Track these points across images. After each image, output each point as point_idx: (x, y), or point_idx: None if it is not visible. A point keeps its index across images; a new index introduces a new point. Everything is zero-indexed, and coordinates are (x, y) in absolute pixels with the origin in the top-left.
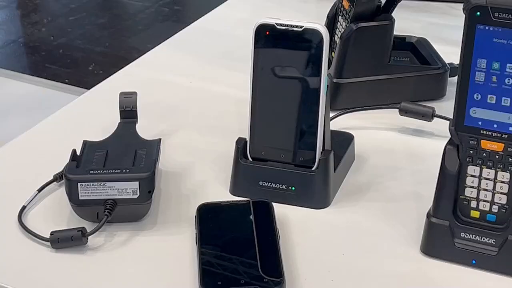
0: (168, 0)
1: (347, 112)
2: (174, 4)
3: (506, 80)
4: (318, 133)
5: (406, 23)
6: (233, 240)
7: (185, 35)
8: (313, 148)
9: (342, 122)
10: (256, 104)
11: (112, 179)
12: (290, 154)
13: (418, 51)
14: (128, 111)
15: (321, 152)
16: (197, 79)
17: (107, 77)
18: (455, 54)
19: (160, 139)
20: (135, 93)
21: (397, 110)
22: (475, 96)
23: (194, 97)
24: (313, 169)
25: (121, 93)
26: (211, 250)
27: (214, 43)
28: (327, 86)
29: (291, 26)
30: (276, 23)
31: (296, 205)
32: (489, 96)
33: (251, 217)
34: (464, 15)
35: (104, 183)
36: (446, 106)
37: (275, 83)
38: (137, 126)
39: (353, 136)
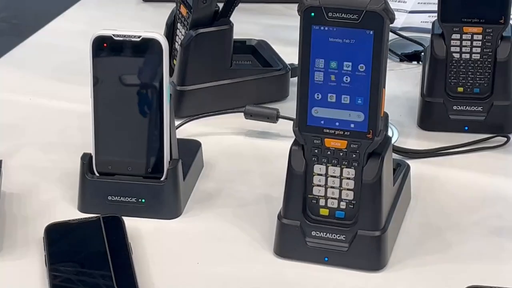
0: (5, 14)
1: (192, 119)
2: (12, 18)
3: (344, 78)
4: (164, 142)
5: (245, 26)
6: (85, 258)
7: (21, 50)
8: (160, 158)
9: (188, 130)
10: (98, 117)
11: None
12: (137, 166)
13: (259, 54)
14: None
15: (169, 162)
16: (36, 96)
17: None
18: (295, 54)
19: (0, 161)
20: None
21: (242, 113)
22: (315, 95)
23: (34, 114)
24: (161, 179)
25: None
26: (62, 270)
27: (53, 57)
28: (170, 94)
29: (129, 36)
30: (113, 34)
31: (147, 217)
32: (329, 95)
33: (102, 233)
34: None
35: None
36: (290, 106)
37: (117, 94)
38: None
39: (201, 143)
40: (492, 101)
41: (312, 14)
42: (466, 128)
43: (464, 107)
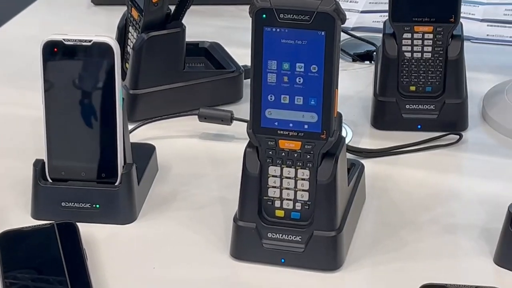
0: None
1: (146, 123)
2: None
3: (297, 80)
4: (118, 147)
5: (198, 28)
6: (40, 266)
7: None
8: (114, 162)
9: (142, 134)
10: (50, 123)
11: None
12: (91, 171)
13: (212, 56)
14: None
15: (123, 166)
16: None
17: None
18: (248, 56)
19: None
20: None
21: (196, 116)
22: (269, 97)
23: None
24: (116, 184)
25: None
26: (16, 278)
27: (4, 63)
28: (123, 98)
29: (80, 41)
30: (64, 39)
31: (102, 223)
32: (282, 96)
33: (57, 240)
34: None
35: None
36: (244, 108)
37: (68, 100)
38: None
39: (155, 147)
40: (444, 99)
41: (264, 15)
42: (419, 126)
43: (417, 105)
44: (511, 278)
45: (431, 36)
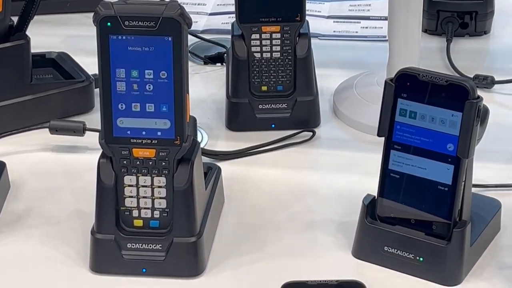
0: None
1: None
2: None
3: (147, 87)
4: None
5: (43, 39)
6: None
7: None
8: None
9: None
10: None
11: None
12: None
13: (60, 66)
14: None
15: None
16: None
17: None
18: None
19: None
20: None
21: (48, 129)
22: (119, 106)
23: None
24: None
25: None
26: None
27: None
28: None
29: None
30: None
31: None
32: (133, 104)
33: None
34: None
35: None
36: (97, 118)
37: None
38: None
39: (5, 163)
40: (296, 97)
41: (109, 23)
42: (273, 125)
43: (270, 105)
44: (369, 270)
45: (279, 35)
